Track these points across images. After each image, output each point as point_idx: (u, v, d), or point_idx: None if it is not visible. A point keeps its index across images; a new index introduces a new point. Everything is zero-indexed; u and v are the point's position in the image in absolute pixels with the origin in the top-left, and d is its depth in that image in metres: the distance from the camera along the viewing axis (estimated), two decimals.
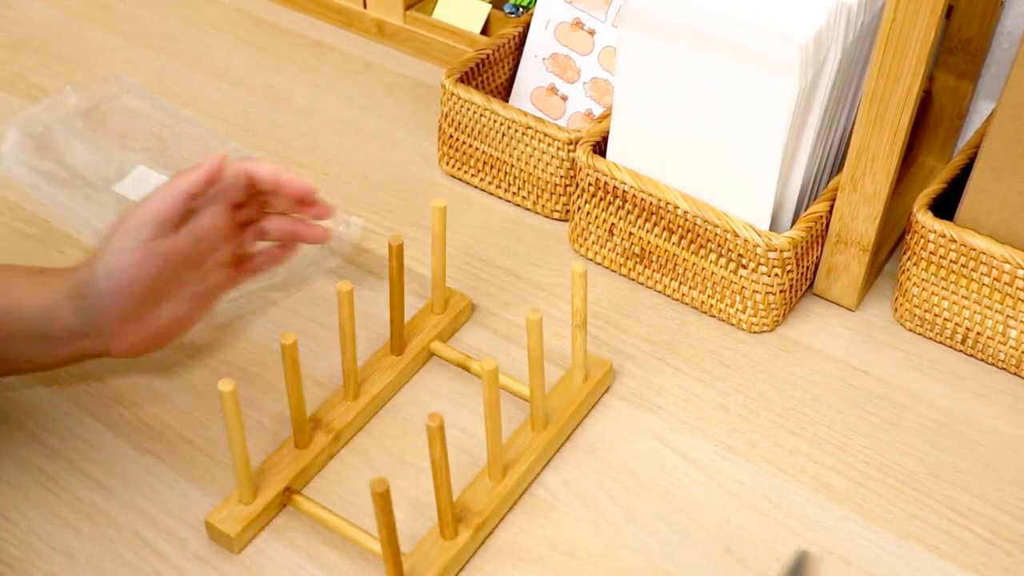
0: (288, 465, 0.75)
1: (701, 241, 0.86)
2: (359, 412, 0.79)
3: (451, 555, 0.70)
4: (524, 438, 0.76)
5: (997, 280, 0.81)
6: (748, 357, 0.86)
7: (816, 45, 0.77)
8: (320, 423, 0.78)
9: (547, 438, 0.76)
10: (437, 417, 0.64)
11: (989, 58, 0.97)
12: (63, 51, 1.18)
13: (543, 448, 0.76)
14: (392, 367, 0.82)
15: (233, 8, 1.25)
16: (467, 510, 0.72)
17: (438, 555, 0.70)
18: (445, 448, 0.65)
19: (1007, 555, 0.73)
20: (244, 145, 1.05)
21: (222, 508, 0.72)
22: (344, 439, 0.78)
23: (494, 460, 0.73)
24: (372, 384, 0.80)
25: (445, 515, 0.69)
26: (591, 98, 1.01)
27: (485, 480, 0.74)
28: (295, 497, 0.74)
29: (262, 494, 0.73)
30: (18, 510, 0.74)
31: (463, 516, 0.71)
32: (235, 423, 0.68)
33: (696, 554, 0.73)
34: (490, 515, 0.72)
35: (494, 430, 0.71)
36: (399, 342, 0.82)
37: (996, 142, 0.78)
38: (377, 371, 0.81)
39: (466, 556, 0.71)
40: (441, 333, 0.85)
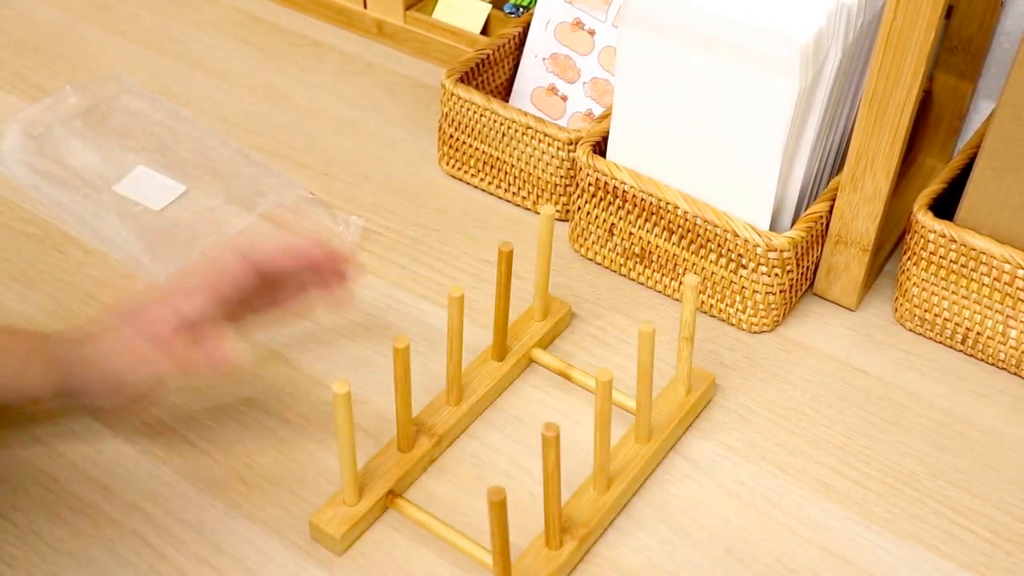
0: (392, 468, 0.75)
1: (701, 241, 0.86)
2: (461, 416, 0.79)
3: (556, 565, 0.69)
4: (628, 449, 0.76)
5: (997, 280, 0.81)
6: (748, 357, 0.86)
7: (816, 45, 0.77)
8: (423, 427, 0.77)
9: (651, 450, 0.76)
10: (554, 427, 0.63)
11: (989, 58, 0.97)
12: (63, 51, 1.18)
13: (647, 460, 0.76)
14: (494, 373, 0.82)
15: (233, 8, 1.25)
16: (572, 521, 0.71)
17: (544, 565, 0.69)
18: (559, 457, 0.65)
19: (1007, 555, 0.73)
20: (244, 145, 1.05)
21: (327, 509, 0.72)
22: (446, 443, 0.78)
23: (600, 471, 0.72)
24: (474, 390, 0.80)
25: (552, 525, 0.69)
26: (591, 98, 1.01)
27: (590, 491, 0.73)
28: (397, 500, 0.74)
29: (366, 496, 0.73)
30: (18, 510, 0.74)
31: (568, 527, 0.71)
32: (346, 425, 0.68)
33: (696, 554, 0.72)
34: (595, 526, 0.72)
35: (603, 441, 0.70)
36: (501, 348, 0.82)
37: (996, 142, 0.78)
38: (479, 376, 0.81)
39: (570, 567, 0.71)
40: (542, 340, 0.85)
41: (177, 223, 0.96)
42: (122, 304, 0.72)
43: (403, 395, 0.73)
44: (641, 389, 0.74)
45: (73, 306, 0.89)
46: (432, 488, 0.76)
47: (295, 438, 0.79)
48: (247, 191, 0.98)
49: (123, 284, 0.91)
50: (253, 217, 0.95)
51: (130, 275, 0.92)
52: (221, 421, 0.80)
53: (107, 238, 0.93)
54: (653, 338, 0.71)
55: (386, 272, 0.92)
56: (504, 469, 0.78)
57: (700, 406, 0.81)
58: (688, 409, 0.79)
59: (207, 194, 0.99)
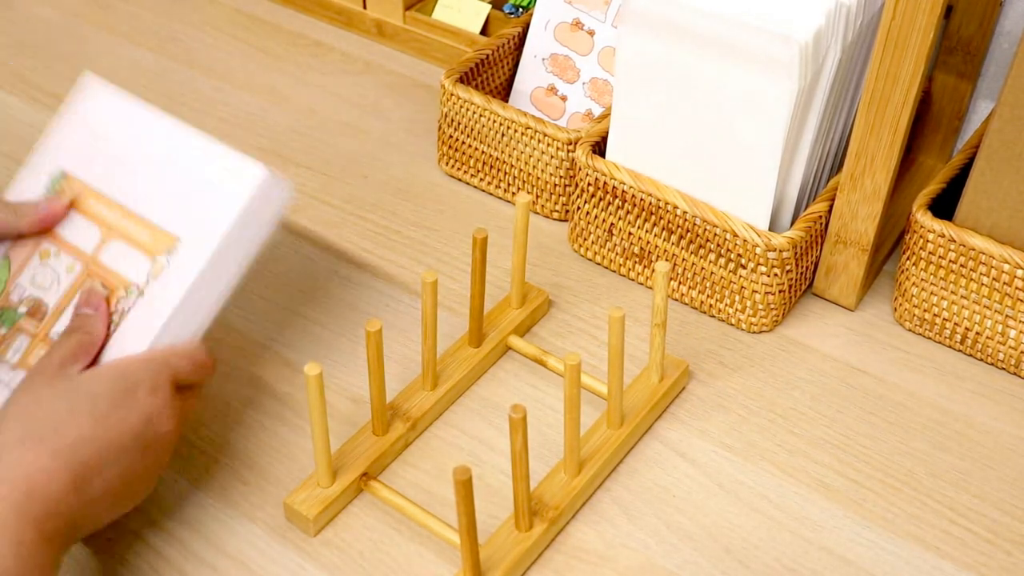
0: (366, 451, 0.76)
1: (700, 241, 0.86)
2: (436, 401, 0.80)
3: (525, 547, 0.70)
4: (600, 434, 0.77)
5: (996, 280, 0.81)
6: (747, 357, 0.86)
7: (815, 45, 0.78)
8: (398, 411, 0.78)
9: (623, 436, 0.77)
10: (520, 408, 0.64)
11: (988, 58, 0.97)
12: (63, 51, 1.18)
13: (618, 445, 0.76)
14: (470, 359, 0.82)
15: (233, 8, 1.25)
16: (542, 503, 0.72)
17: (512, 546, 0.70)
18: (526, 439, 0.65)
19: (1007, 555, 0.73)
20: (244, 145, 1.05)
21: (300, 491, 0.73)
22: (421, 428, 0.79)
23: (570, 454, 0.73)
24: (450, 375, 0.81)
25: (521, 507, 0.69)
26: (591, 98, 1.02)
27: (561, 474, 0.74)
28: (372, 483, 0.74)
29: (340, 479, 0.74)
30: None
31: (538, 509, 0.72)
32: (318, 407, 0.69)
33: (696, 554, 0.73)
34: (564, 509, 0.73)
35: (572, 424, 0.71)
36: (477, 335, 0.83)
37: (995, 142, 0.78)
38: (456, 361, 0.82)
39: (539, 549, 0.72)
40: (519, 327, 0.86)
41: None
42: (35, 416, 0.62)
43: (376, 379, 0.73)
44: (612, 375, 0.74)
45: None
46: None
47: (296, 438, 0.79)
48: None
49: None
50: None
51: None
52: (220, 420, 0.80)
53: None
54: (623, 323, 0.71)
55: (385, 272, 0.92)
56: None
57: (674, 393, 0.82)
58: (661, 395, 0.80)
59: None
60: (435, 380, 0.80)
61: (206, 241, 0.70)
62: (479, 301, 0.81)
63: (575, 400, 0.70)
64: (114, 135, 0.75)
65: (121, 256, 0.72)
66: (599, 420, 0.78)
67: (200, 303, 0.70)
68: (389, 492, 0.74)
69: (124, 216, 0.72)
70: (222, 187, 0.71)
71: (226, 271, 0.71)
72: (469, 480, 0.62)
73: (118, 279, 0.71)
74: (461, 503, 0.64)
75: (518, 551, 0.70)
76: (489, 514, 0.74)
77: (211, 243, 0.69)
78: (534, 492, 0.73)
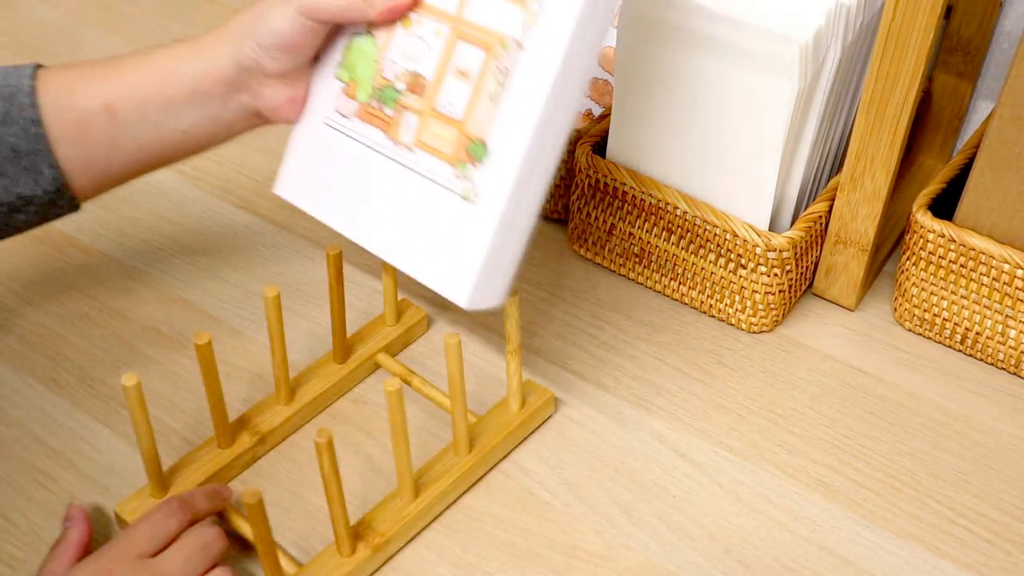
0: (205, 464, 0.74)
1: (700, 241, 0.86)
2: (290, 416, 0.78)
3: (345, 571, 0.68)
4: (447, 461, 0.75)
5: (996, 280, 0.81)
6: (747, 357, 0.86)
7: (815, 45, 0.78)
8: (248, 424, 0.77)
9: (470, 463, 0.75)
10: (325, 433, 0.63)
11: (988, 58, 0.97)
12: (63, 52, 1.18)
13: (464, 472, 0.74)
14: (333, 374, 0.81)
15: (233, 8, 1.25)
16: (370, 528, 0.70)
17: (332, 570, 0.68)
18: (335, 463, 0.64)
19: (1007, 555, 0.73)
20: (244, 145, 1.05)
21: (133, 499, 0.72)
22: (272, 443, 0.78)
23: (401, 480, 0.71)
24: (308, 389, 0.80)
25: (339, 531, 0.68)
26: (591, 98, 1.01)
27: (396, 500, 0.72)
28: None
29: (173, 490, 0.72)
30: (18, 510, 0.74)
31: (364, 534, 0.70)
32: (141, 418, 0.67)
33: (696, 554, 0.73)
34: (395, 535, 0.71)
35: (401, 451, 0.69)
36: (341, 350, 0.81)
37: (995, 142, 0.78)
38: (317, 377, 0.81)
39: (363, 574, 0.70)
40: (391, 345, 0.84)
41: None
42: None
43: (212, 390, 0.72)
44: (454, 402, 0.72)
45: (73, 306, 0.89)
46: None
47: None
48: None
49: (123, 285, 0.91)
50: None
51: (132, 278, 0.92)
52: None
53: None
54: (460, 350, 0.69)
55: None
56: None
57: (534, 422, 0.79)
58: (519, 423, 0.78)
59: None
60: (289, 395, 0.78)
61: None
62: (339, 317, 0.79)
63: (400, 427, 0.67)
64: None
65: (489, 8, 0.68)
66: (446, 449, 0.76)
67: (575, 64, 0.66)
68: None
69: None
70: None
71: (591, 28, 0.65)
72: (260, 503, 0.61)
73: (490, 35, 0.67)
74: (254, 526, 0.63)
75: (337, 575, 0.68)
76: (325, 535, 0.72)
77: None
78: (367, 516, 0.71)
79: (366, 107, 0.73)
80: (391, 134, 0.72)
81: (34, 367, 0.84)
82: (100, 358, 0.85)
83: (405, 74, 0.71)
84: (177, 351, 0.85)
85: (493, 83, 0.67)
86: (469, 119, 0.69)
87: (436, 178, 0.70)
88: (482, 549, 0.72)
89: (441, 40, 0.70)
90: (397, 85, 0.72)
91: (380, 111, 0.73)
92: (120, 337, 0.86)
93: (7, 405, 0.81)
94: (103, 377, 0.83)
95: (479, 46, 0.68)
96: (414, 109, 0.71)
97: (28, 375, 0.83)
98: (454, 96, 0.69)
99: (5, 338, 0.86)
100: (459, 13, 0.69)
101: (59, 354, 0.85)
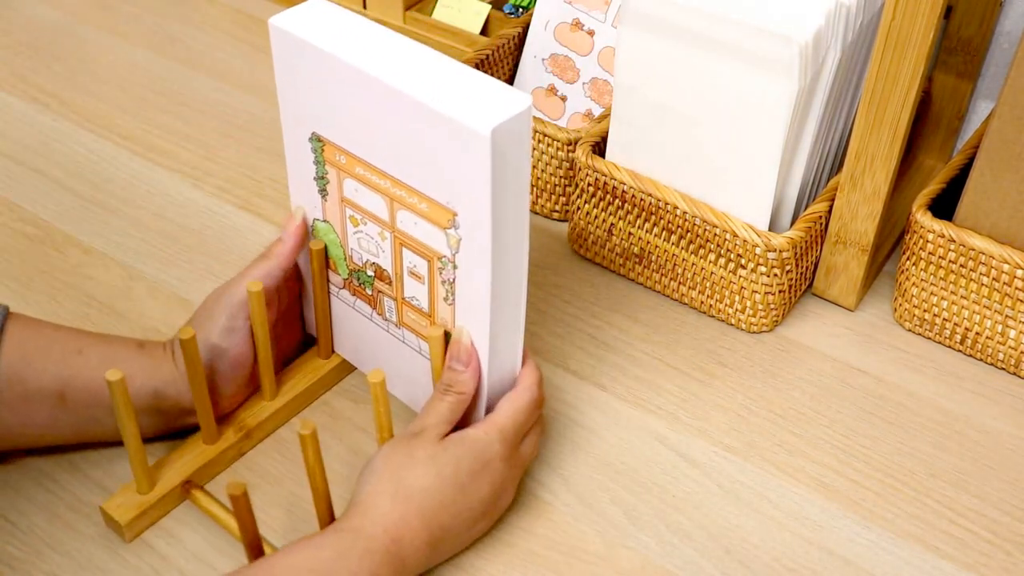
0: (192, 459, 0.75)
1: (700, 241, 0.86)
2: (275, 412, 0.79)
3: None
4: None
5: (996, 280, 0.81)
6: (747, 357, 0.86)
7: (815, 45, 0.78)
8: (233, 419, 0.77)
9: None
10: (309, 424, 0.63)
11: (988, 58, 0.97)
12: (63, 51, 1.18)
13: None
14: (317, 369, 0.81)
15: (233, 8, 1.25)
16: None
17: None
18: (319, 455, 0.64)
19: (1007, 555, 0.73)
20: (244, 145, 1.05)
21: (119, 495, 0.72)
22: (257, 438, 0.78)
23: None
24: (294, 384, 0.80)
25: (324, 522, 0.68)
26: (591, 98, 1.02)
27: None
28: (194, 491, 0.73)
29: (160, 485, 0.73)
30: (18, 511, 0.74)
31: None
32: (126, 412, 0.68)
33: (696, 554, 0.73)
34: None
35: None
36: (327, 345, 0.82)
37: (995, 142, 0.78)
38: (302, 372, 0.81)
39: None
40: None
41: None
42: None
43: (198, 387, 0.72)
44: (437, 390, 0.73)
45: (73, 306, 0.89)
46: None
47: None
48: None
49: (123, 285, 0.91)
50: None
51: (132, 277, 0.92)
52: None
53: None
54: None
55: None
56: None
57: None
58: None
59: None
60: (274, 391, 0.79)
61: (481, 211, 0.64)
62: (324, 312, 0.79)
63: (385, 418, 0.68)
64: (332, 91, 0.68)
65: (416, 225, 0.69)
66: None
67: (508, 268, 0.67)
68: (209, 501, 0.73)
69: (395, 184, 0.68)
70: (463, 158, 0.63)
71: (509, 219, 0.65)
72: (245, 495, 0.62)
73: (427, 249, 0.69)
74: (239, 518, 0.63)
75: None
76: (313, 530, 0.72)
77: (486, 213, 0.63)
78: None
79: (350, 283, 0.77)
80: (378, 310, 0.76)
81: None
82: None
83: (370, 264, 0.74)
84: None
85: (443, 290, 0.70)
86: (434, 313, 0.72)
87: (424, 353, 0.74)
88: (482, 549, 0.72)
89: (388, 243, 0.72)
90: (368, 271, 0.74)
91: (362, 290, 0.76)
92: None
93: None
94: None
95: (421, 256, 0.70)
96: (388, 295, 0.74)
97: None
98: (416, 292, 0.72)
99: None
100: (392, 223, 0.70)
101: None
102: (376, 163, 0.68)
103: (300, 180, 0.75)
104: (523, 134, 0.62)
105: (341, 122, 0.69)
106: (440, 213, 0.66)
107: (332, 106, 0.68)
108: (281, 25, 0.68)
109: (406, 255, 0.70)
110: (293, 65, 0.69)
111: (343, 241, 0.74)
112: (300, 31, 0.67)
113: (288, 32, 0.68)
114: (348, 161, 0.70)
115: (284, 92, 0.71)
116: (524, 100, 0.62)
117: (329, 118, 0.69)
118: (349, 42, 0.66)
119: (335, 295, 0.78)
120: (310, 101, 0.70)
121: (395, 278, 0.72)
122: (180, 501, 0.74)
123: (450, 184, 0.64)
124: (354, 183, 0.70)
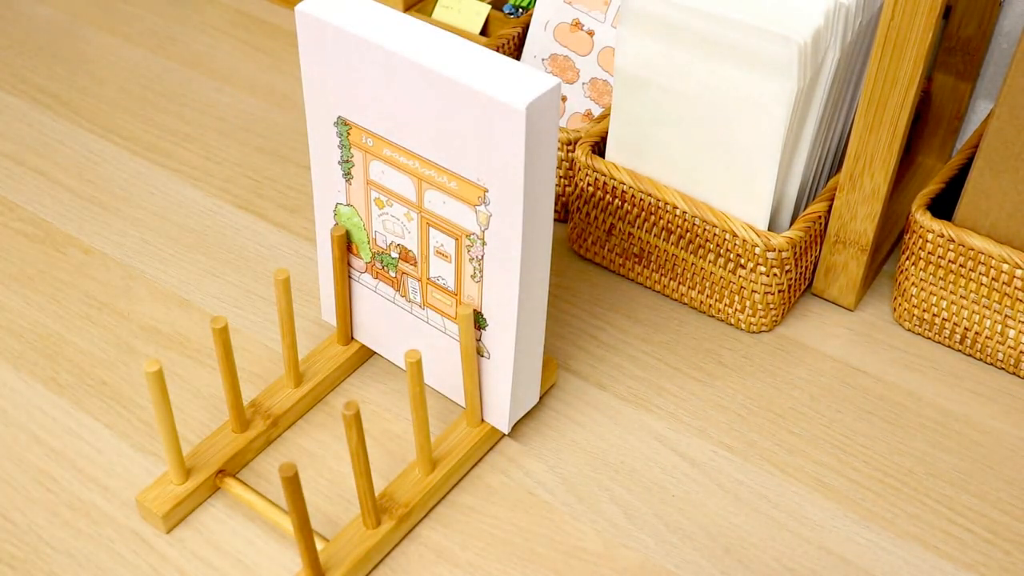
0: (223, 448, 0.75)
1: (700, 241, 0.86)
2: (300, 399, 0.79)
3: (371, 544, 0.70)
4: (459, 432, 0.77)
5: (995, 280, 0.81)
6: (747, 357, 0.86)
7: (814, 45, 0.78)
8: (260, 408, 0.78)
9: (477, 436, 0.77)
10: (353, 405, 0.64)
11: (988, 58, 0.97)
12: (63, 51, 1.18)
13: (474, 444, 0.76)
14: (337, 356, 0.82)
15: (233, 8, 1.25)
16: (393, 501, 0.72)
17: (359, 543, 0.70)
18: (363, 436, 0.65)
19: (1006, 555, 0.73)
20: (244, 145, 1.05)
21: (154, 487, 0.73)
22: (284, 425, 0.79)
23: (421, 452, 0.73)
24: (316, 373, 0.81)
25: (365, 503, 0.69)
26: (590, 98, 1.02)
27: (415, 472, 0.74)
28: (227, 480, 0.74)
29: (194, 476, 0.73)
30: (18, 510, 0.74)
31: (388, 507, 0.72)
32: (163, 405, 0.68)
33: (696, 554, 0.73)
34: (416, 506, 0.72)
35: (421, 424, 0.71)
36: (345, 332, 0.82)
37: (994, 142, 0.78)
38: (323, 359, 0.82)
39: (389, 545, 0.72)
40: None
41: None
42: None
43: (229, 377, 0.73)
44: (467, 374, 0.74)
45: (73, 306, 0.89)
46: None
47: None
48: None
49: (123, 285, 0.91)
50: None
51: (132, 277, 0.92)
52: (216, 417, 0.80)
53: None
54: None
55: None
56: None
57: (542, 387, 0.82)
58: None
59: None
60: (298, 378, 0.80)
61: (514, 187, 0.65)
62: (343, 298, 0.80)
63: (420, 398, 0.69)
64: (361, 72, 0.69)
65: (444, 204, 0.70)
66: (458, 419, 0.78)
67: (537, 244, 0.68)
68: (243, 489, 0.73)
69: (423, 164, 0.69)
70: (497, 134, 0.64)
71: (539, 194, 0.66)
72: (295, 476, 0.62)
73: (455, 227, 0.70)
74: (290, 499, 0.63)
75: (363, 548, 0.70)
76: (350, 510, 0.74)
77: (518, 188, 0.65)
78: (387, 490, 0.73)
79: (372, 266, 0.77)
80: (401, 292, 0.77)
81: (34, 367, 0.84)
82: (100, 358, 0.85)
83: (394, 246, 0.75)
84: (177, 351, 0.85)
85: (471, 267, 0.71)
86: (461, 292, 0.72)
87: (450, 332, 0.75)
88: (482, 549, 0.72)
89: (414, 224, 0.73)
90: (392, 253, 0.75)
91: (385, 272, 0.77)
92: (120, 337, 0.86)
93: (7, 405, 0.81)
94: (103, 377, 0.83)
95: (448, 235, 0.71)
96: (413, 276, 0.75)
97: (28, 375, 0.83)
98: (442, 271, 0.73)
99: (5, 338, 0.86)
100: (419, 203, 0.71)
101: (59, 354, 0.85)
102: (404, 143, 0.69)
103: (323, 165, 0.75)
104: (553, 111, 0.64)
105: (369, 104, 0.70)
106: (470, 190, 0.67)
107: (360, 89, 0.69)
108: (308, 11, 0.69)
109: (433, 234, 0.71)
110: (319, 50, 0.70)
111: (367, 224, 0.75)
112: (328, 16, 0.68)
113: (316, 17, 0.69)
114: (375, 143, 0.71)
115: (309, 78, 0.72)
116: (552, 79, 0.63)
117: (356, 101, 0.70)
118: (376, 26, 0.68)
119: (356, 279, 0.79)
120: (337, 85, 0.71)
121: (421, 258, 0.73)
122: (213, 491, 0.75)
123: (482, 161, 0.66)
124: (380, 165, 0.72)
